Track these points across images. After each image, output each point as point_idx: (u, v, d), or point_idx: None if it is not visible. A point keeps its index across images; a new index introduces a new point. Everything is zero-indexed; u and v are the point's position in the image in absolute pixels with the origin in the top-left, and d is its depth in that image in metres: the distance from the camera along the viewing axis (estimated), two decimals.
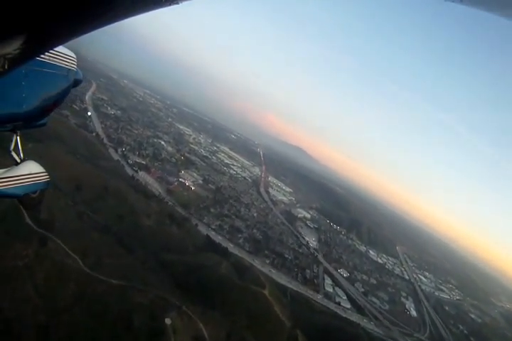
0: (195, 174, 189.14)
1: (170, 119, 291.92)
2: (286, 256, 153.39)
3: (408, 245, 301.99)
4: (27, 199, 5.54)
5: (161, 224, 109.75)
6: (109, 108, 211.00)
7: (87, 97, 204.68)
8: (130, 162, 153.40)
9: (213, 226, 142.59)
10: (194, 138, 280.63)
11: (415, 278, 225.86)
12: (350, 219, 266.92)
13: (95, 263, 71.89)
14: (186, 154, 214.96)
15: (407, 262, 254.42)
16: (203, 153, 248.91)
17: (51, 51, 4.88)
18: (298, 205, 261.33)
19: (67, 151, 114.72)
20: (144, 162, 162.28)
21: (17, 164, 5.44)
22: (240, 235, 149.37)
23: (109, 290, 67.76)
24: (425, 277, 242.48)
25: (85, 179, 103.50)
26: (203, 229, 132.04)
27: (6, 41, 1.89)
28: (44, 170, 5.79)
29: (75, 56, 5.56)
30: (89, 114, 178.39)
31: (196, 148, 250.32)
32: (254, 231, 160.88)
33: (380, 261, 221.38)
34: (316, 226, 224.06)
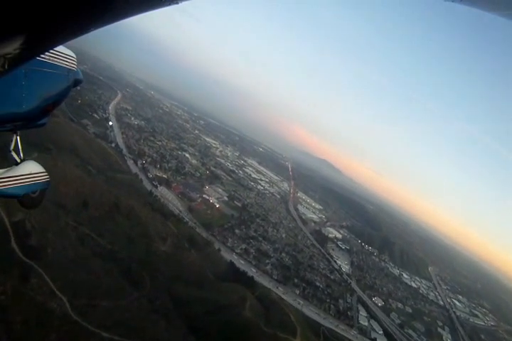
0: (220, 190, 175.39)
1: (196, 131, 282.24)
2: (318, 284, 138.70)
3: (439, 265, 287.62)
4: (27, 199, 5.53)
5: (178, 248, 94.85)
6: (132, 118, 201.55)
7: (110, 107, 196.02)
8: (150, 176, 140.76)
9: (238, 250, 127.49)
10: (221, 151, 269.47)
11: (450, 304, 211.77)
12: (381, 238, 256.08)
13: (87, 305, 57.17)
14: (212, 168, 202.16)
15: (440, 285, 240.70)
16: (230, 166, 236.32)
17: (51, 51, 4.85)
18: (328, 224, 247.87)
19: (78, 163, 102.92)
20: (165, 176, 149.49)
21: (17, 164, 5.43)
22: (267, 260, 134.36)
23: None
24: (459, 301, 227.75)
25: (94, 195, 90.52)
26: (226, 254, 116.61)
27: (6, 41, 1.89)
28: (44, 170, 5.75)
29: (75, 56, 5.52)
30: (110, 123, 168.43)
31: (223, 161, 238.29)
32: (283, 255, 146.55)
33: (414, 285, 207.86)
34: (347, 247, 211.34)
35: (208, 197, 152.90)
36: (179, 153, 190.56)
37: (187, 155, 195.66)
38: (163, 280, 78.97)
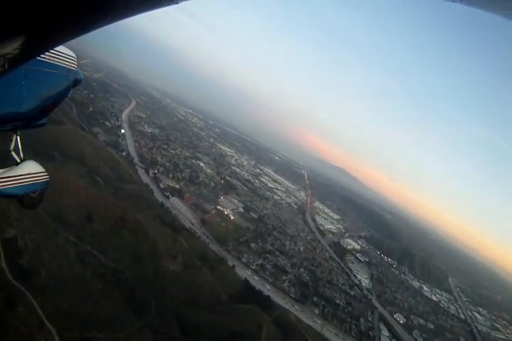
0: (235, 200, 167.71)
1: (211, 139, 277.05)
2: (338, 301, 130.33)
3: (459, 275, 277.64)
4: (27, 199, 5.56)
5: (189, 267, 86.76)
6: (146, 126, 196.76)
7: (123, 114, 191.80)
8: (162, 186, 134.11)
9: (254, 267, 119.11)
10: (236, 160, 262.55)
11: (471, 317, 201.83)
12: (400, 248, 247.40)
13: (79, 339, 49.41)
14: (227, 177, 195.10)
15: (460, 297, 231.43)
16: (246, 176, 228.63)
17: (51, 51, 4.86)
18: (346, 235, 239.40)
19: (84, 173, 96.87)
20: (177, 186, 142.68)
21: (17, 164, 5.44)
22: (284, 277, 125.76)
23: None
24: (480, 314, 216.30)
25: (99, 207, 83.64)
26: (241, 272, 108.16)
27: (6, 41, 1.89)
28: (44, 170, 5.77)
29: (75, 56, 5.53)
30: (122, 131, 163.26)
31: (238, 170, 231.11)
32: (301, 270, 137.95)
33: (434, 298, 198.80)
34: (366, 259, 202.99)
35: (222, 209, 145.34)
36: (193, 161, 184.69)
37: (201, 164, 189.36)
38: (170, 303, 71.12)
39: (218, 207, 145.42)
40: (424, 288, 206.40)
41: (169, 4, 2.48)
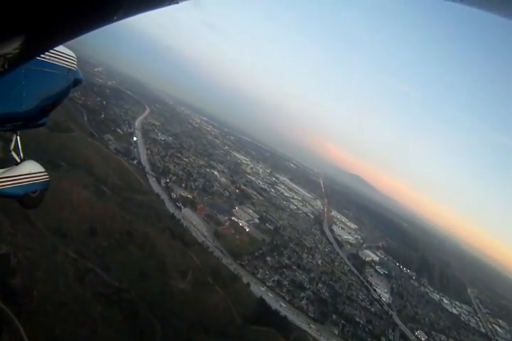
0: (250, 211, 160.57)
1: (226, 147, 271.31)
2: (358, 319, 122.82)
3: (478, 285, 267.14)
4: (27, 199, 5.53)
5: (200, 285, 79.96)
6: (159, 133, 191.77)
7: (136, 122, 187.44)
8: (174, 196, 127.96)
9: (270, 283, 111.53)
10: (252, 168, 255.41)
11: (491, 330, 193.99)
12: (419, 259, 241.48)
13: None
14: (242, 186, 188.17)
15: (480, 309, 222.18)
16: (261, 184, 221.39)
17: (51, 51, 4.87)
18: (365, 246, 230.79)
19: (91, 182, 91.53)
20: (190, 196, 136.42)
21: (17, 164, 5.44)
22: (302, 294, 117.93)
23: None
24: (500, 326, 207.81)
25: (105, 220, 78.03)
26: (256, 289, 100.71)
27: (6, 41, 1.90)
28: (44, 170, 5.80)
29: (75, 56, 5.53)
30: (134, 139, 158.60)
31: (253, 179, 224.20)
32: (320, 286, 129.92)
33: (454, 311, 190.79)
34: (386, 271, 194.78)
35: (237, 220, 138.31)
36: (207, 170, 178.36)
37: (215, 172, 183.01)
38: (179, 327, 64.31)
39: (233, 218, 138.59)
40: (444, 300, 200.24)
41: (169, 4, 2.47)
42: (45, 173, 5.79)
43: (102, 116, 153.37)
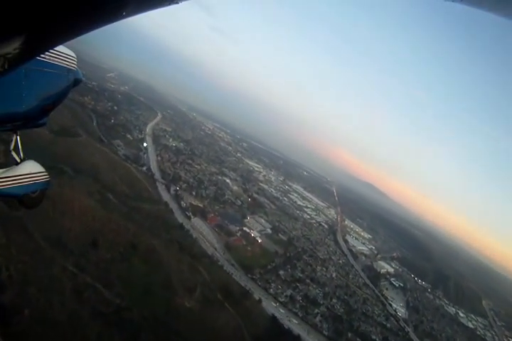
0: (263, 220, 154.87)
1: (239, 154, 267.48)
2: (374, 337, 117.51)
3: (492, 297, 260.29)
4: (27, 199, 5.52)
5: (209, 303, 73.94)
6: (171, 139, 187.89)
7: (148, 127, 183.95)
8: (183, 204, 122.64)
9: (282, 299, 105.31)
10: (264, 176, 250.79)
11: None
12: (433, 270, 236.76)
13: None
14: (254, 195, 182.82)
15: (495, 322, 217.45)
16: (274, 193, 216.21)
17: (51, 51, 4.84)
18: (379, 256, 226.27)
19: (95, 189, 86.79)
20: (201, 205, 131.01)
21: (17, 164, 5.45)
22: (316, 310, 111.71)
23: None
24: None
25: (108, 230, 72.92)
26: (268, 306, 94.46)
27: (6, 41, 1.91)
28: (44, 170, 5.77)
29: (75, 55, 5.50)
30: (145, 144, 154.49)
31: (266, 187, 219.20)
32: (334, 301, 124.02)
33: (470, 325, 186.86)
34: (401, 284, 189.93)
35: (248, 230, 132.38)
36: (219, 177, 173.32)
37: (227, 180, 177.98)
38: None
39: (244, 228, 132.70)
40: (460, 314, 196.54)
41: (169, 4, 2.49)
42: (45, 173, 5.71)
43: (112, 121, 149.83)
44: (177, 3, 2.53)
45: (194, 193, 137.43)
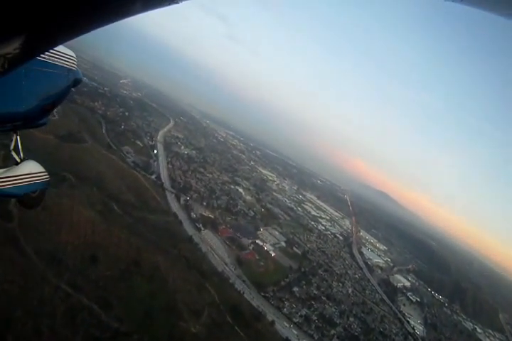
0: (276, 232, 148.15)
1: (252, 162, 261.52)
2: None
3: (508, 309, 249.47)
4: (27, 199, 5.51)
5: (218, 326, 67.13)
6: (182, 147, 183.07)
7: (159, 134, 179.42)
8: (193, 215, 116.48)
9: (296, 319, 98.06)
10: (278, 185, 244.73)
11: None
12: (450, 283, 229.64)
13: None
14: (268, 205, 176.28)
15: None
16: (288, 203, 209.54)
17: (51, 51, 4.84)
18: (395, 269, 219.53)
19: (98, 199, 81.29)
20: (212, 216, 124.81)
21: (17, 164, 5.43)
22: (333, 331, 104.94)
23: None
24: None
25: (110, 245, 66.97)
26: (281, 327, 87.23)
27: (6, 41, 1.91)
28: (44, 170, 5.72)
29: (75, 55, 5.49)
30: (155, 151, 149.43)
31: (280, 196, 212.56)
32: (351, 320, 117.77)
33: None
34: (418, 299, 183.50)
35: (261, 243, 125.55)
36: (231, 187, 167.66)
37: (240, 189, 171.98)
38: None
39: (257, 241, 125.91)
40: (478, 329, 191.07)
41: (169, 4, 2.49)
42: (46, 173, 5.66)
43: (122, 127, 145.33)
44: (177, 3, 2.52)
45: (205, 203, 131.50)
